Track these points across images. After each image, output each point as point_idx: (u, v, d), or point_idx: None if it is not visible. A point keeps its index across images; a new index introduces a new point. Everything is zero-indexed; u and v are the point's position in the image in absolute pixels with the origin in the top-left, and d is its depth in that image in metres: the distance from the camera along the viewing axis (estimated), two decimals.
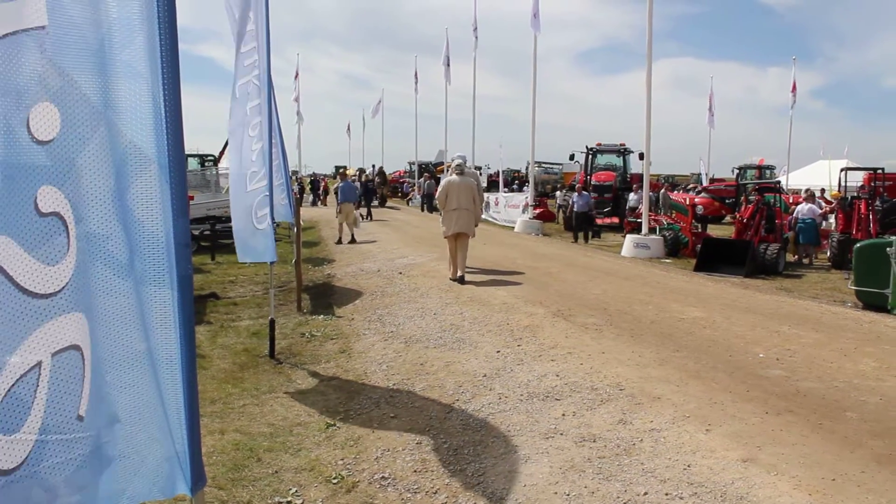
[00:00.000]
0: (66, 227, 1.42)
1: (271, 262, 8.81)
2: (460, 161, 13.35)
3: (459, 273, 12.81)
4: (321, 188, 46.83)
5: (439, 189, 13.37)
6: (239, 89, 7.54)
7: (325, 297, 12.71)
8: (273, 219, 8.43)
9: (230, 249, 19.54)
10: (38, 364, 1.37)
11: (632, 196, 25.67)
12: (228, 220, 20.54)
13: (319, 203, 44.67)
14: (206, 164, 25.85)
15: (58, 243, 1.40)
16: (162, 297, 1.94)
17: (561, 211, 28.81)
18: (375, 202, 40.01)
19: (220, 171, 25.59)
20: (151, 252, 1.87)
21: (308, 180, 50.79)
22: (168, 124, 1.77)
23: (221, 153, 26.86)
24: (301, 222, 14.09)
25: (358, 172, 46.25)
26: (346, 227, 21.60)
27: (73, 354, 1.47)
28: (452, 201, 12.84)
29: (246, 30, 7.29)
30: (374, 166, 51.43)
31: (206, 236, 18.94)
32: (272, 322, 8.85)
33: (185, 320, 1.99)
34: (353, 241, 21.18)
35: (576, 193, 25.01)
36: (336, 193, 22.54)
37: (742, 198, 21.72)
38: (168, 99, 1.76)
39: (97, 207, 1.63)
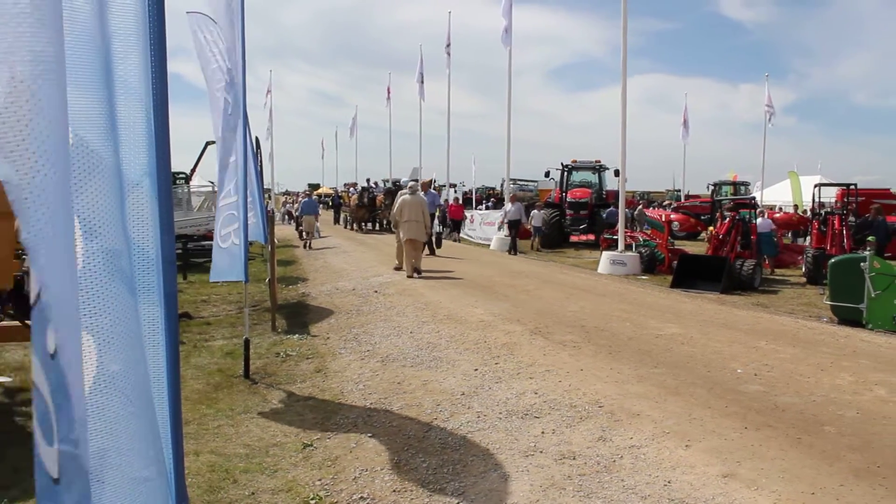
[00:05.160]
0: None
1: (245, 281, 8.78)
2: (413, 183, 19.15)
3: (414, 269, 16.38)
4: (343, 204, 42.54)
5: (395, 205, 17.09)
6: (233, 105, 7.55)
7: (300, 317, 12.67)
8: (246, 237, 8.40)
9: (203, 268, 19.53)
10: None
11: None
12: (200, 238, 20.69)
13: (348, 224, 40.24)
14: (178, 181, 25.73)
15: None
16: (152, 315, 1.95)
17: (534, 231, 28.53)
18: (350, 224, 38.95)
19: (191, 189, 25.49)
20: (144, 269, 1.88)
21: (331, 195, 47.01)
22: (158, 140, 1.79)
23: (193, 170, 26.73)
24: (275, 241, 14.05)
25: (361, 190, 38.87)
26: (312, 235, 27.97)
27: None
28: (405, 214, 16.49)
29: (223, 46, 7.31)
30: (367, 180, 44.05)
31: (179, 255, 18.84)
32: (247, 342, 8.79)
33: (170, 338, 1.99)
34: (309, 246, 26.65)
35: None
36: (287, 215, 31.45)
37: (717, 214, 21.93)
38: (157, 113, 1.77)
39: (113, 224, 1.63)
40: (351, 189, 44.27)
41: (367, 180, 41.34)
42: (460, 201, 35.73)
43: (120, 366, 1.69)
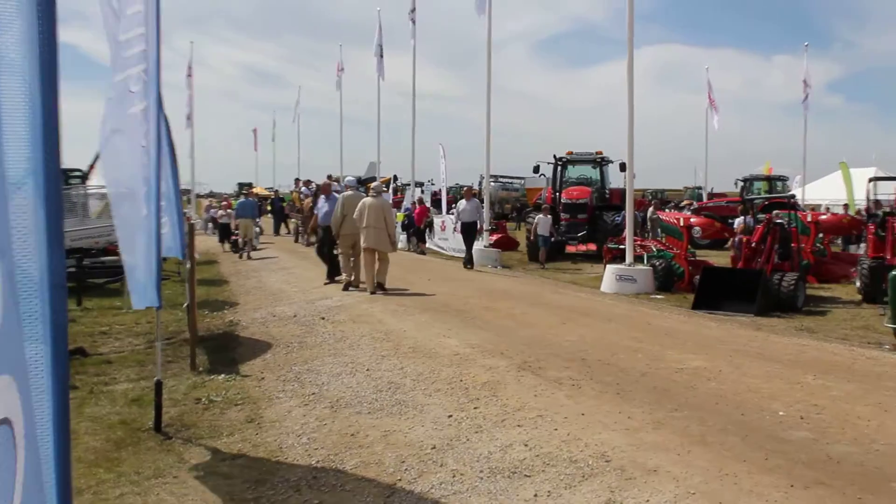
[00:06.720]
0: None
1: (157, 307, 8.68)
2: (377, 184, 20.31)
3: (376, 283, 17.36)
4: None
5: (357, 208, 17.66)
6: (116, 87, 7.47)
7: (227, 351, 12.58)
8: (158, 251, 8.32)
9: (102, 292, 19.33)
10: None
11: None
12: (99, 253, 20.45)
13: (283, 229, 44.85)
14: (72, 181, 25.46)
15: None
16: (35, 352, 1.87)
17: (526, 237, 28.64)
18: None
19: (88, 192, 25.24)
20: (27, 295, 1.80)
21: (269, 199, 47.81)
22: (45, 131, 1.71)
23: (91, 167, 26.52)
24: (196, 255, 13.94)
25: (316, 189, 33.32)
26: (250, 243, 29.43)
27: (3, 431, 1.40)
28: (363, 220, 17.34)
29: (129, 11, 7.25)
30: (328, 177, 40.21)
31: (72, 274, 18.55)
32: (158, 384, 8.69)
33: (58, 383, 1.91)
34: (248, 256, 28.73)
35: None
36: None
37: (749, 216, 22.08)
38: (45, 94, 1.70)
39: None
40: (303, 188, 40.31)
41: (329, 177, 37.55)
42: (424, 202, 35.23)
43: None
